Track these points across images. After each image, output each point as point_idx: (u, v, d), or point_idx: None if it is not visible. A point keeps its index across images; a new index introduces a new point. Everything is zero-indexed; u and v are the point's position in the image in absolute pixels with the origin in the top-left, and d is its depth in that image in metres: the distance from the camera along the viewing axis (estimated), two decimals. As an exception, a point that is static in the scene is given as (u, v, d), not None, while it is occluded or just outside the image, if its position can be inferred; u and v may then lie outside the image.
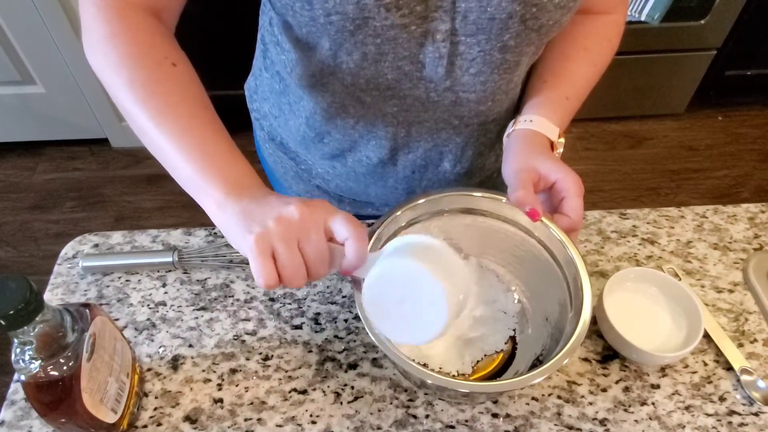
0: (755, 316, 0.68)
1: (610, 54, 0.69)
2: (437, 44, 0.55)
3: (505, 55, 0.58)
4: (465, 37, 0.55)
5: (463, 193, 0.63)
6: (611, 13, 0.69)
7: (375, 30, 0.52)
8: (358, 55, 0.55)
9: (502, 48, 0.57)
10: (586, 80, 0.67)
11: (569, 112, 0.65)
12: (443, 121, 0.65)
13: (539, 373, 0.50)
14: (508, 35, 0.55)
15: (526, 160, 0.58)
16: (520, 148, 0.60)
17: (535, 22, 0.54)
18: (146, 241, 0.74)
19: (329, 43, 0.55)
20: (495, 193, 0.62)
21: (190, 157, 0.49)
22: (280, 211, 0.46)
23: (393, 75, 0.58)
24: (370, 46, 0.54)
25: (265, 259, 0.45)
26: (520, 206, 0.56)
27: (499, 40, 0.56)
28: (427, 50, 0.56)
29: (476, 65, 0.58)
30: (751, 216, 0.78)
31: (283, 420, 0.59)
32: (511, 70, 0.61)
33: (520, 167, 0.58)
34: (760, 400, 0.61)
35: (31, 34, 1.66)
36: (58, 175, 1.96)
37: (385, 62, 0.57)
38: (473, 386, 0.52)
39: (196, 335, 0.65)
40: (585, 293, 0.55)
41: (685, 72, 1.96)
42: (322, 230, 0.47)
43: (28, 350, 0.45)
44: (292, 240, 0.46)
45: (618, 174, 1.98)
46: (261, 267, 0.45)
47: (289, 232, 0.46)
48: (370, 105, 0.62)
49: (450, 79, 0.59)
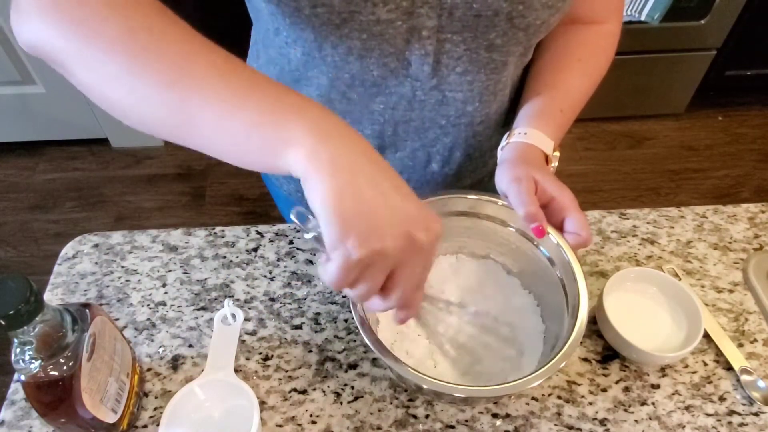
0: (755, 316, 0.68)
1: (605, 65, 0.68)
2: (423, 41, 0.55)
3: (491, 54, 0.57)
4: (451, 35, 0.55)
5: (457, 196, 0.63)
6: (605, 23, 0.68)
7: (361, 24, 0.52)
8: (344, 49, 0.55)
9: (489, 47, 0.56)
10: (581, 92, 0.66)
11: (564, 124, 0.65)
12: (430, 120, 0.64)
13: (537, 376, 0.49)
14: (494, 33, 0.55)
15: (526, 171, 0.57)
16: (516, 159, 0.59)
17: (522, 20, 0.54)
18: (146, 241, 0.74)
19: (314, 35, 0.54)
20: (491, 195, 0.62)
21: (246, 101, 0.37)
22: (412, 226, 0.36)
23: (379, 72, 0.58)
24: (356, 41, 0.54)
25: (353, 273, 0.36)
26: (529, 222, 0.55)
27: (485, 38, 0.55)
28: (413, 47, 0.56)
29: (462, 64, 0.58)
30: (751, 216, 0.78)
31: (283, 420, 0.59)
32: (498, 71, 0.60)
33: (519, 176, 0.57)
34: (760, 400, 0.61)
35: (31, 34, 1.66)
36: (58, 175, 1.96)
37: (371, 58, 0.56)
38: (471, 391, 0.51)
39: (196, 335, 0.65)
40: (581, 294, 0.54)
41: (685, 72, 1.96)
42: (428, 272, 0.39)
43: (28, 350, 0.45)
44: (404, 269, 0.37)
45: (618, 174, 1.98)
46: (342, 277, 0.36)
47: (408, 264, 0.37)
48: (356, 102, 0.62)
49: (436, 78, 0.59)
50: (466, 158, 0.71)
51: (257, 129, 0.36)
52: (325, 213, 0.35)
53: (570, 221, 0.56)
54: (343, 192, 0.35)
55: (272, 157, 0.37)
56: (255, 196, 1.89)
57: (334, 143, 0.36)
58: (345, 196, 0.35)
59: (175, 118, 0.38)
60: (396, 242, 0.36)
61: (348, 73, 0.58)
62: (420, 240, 0.37)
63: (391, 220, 0.36)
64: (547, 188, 0.56)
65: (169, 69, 0.37)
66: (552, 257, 0.59)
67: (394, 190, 0.37)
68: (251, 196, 1.89)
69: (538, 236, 0.57)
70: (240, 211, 1.86)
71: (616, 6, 0.69)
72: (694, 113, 2.13)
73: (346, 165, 0.35)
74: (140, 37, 0.38)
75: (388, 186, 0.37)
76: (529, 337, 0.61)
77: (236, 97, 0.37)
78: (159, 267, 0.71)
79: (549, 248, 0.59)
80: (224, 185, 1.92)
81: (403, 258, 0.37)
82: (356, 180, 0.35)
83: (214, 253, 0.72)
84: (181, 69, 0.37)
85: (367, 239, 0.35)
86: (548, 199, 0.57)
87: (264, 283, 0.70)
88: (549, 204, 0.57)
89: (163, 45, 0.38)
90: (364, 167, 0.36)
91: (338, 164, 0.35)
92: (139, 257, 0.72)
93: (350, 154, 0.36)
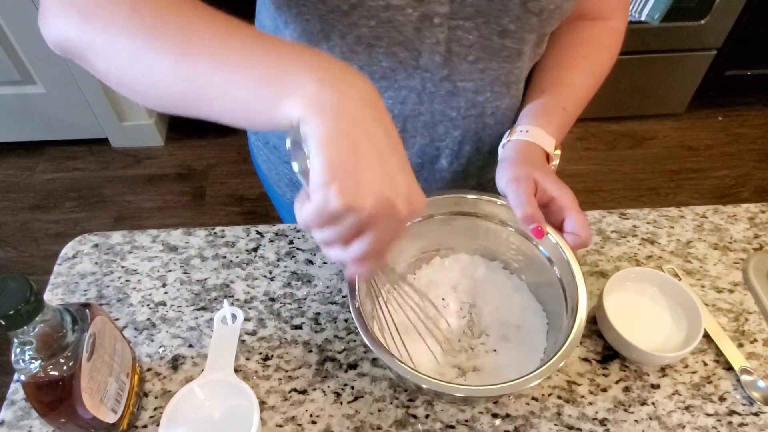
0: (755, 316, 0.68)
1: (610, 62, 0.68)
2: (434, 29, 0.54)
3: (504, 41, 0.56)
4: (463, 21, 0.54)
5: (456, 195, 0.63)
6: (611, 19, 0.67)
7: (370, 11, 0.51)
8: (352, 38, 0.54)
9: (502, 33, 0.55)
10: (585, 89, 0.66)
11: (566, 122, 0.64)
12: (440, 113, 0.63)
13: (536, 375, 0.49)
14: (507, 18, 0.54)
15: (526, 170, 0.57)
16: (516, 159, 0.59)
17: (536, 4, 0.53)
18: (146, 241, 0.74)
19: (320, 24, 0.53)
20: (491, 196, 0.62)
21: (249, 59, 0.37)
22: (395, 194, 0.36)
23: (388, 63, 0.57)
24: (364, 29, 0.53)
25: (326, 219, 0.37)
26: (527, 223, 0.55)
27: (498, 23, 0.54)
28: (423, 36, 0.55)
29: (474, 52, 0.57)
30: (751, 216, 0.78)
31: (283, 420, 0.59)
32: (511, 59, 0.59)
33: (518, 176, 0.56)
34: (760, 400, 0.61)
35: (31, 34, 1.66)
36: (58, 175, 1.96)
37: (380, 48, 0.55)
38: (470, 391, 0.51)
39: (196, 335, 0.65)
40: (580, 293, 0.54)
41: (685, 72, 1.96)
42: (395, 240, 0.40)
43: (28, 350, 0.45)
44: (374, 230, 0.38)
45: (618, 174, 1.99)
46: (314, 220, 0.37)
47: (379, 228, 0.37)
48: None
49: (447, 68, 0.58)
50: (476, 153, 0.70)
51: (263, 84, 0.37)
52: (318, 155, 0.35)
53: (569, 222, 0.56)
54: (340, 139, 0.35)
55: (279, 111, 0.36)
56: (255, 196, 1.89)
57: (340, 88, 0.36)
58: (341, 144, 0.35)
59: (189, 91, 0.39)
60: (375, 204, 0.36)
61: (356, 65, 0.57)
62: (398, 210, 0.37)
63: (377, 180, 0.36)
64: (547, 188, 0.56)
65: (174, 43, 0.38)
66: (551, 257, 0.59)
67: (391, 152, 0.37)
68: (251, 196, 1.89)
69: (537, 237, 0.56)
70: (240, 211, 1.86)
71: (622, 3, 0.68)
72: (694, 113, 2.13)
73: (349, 112, 0.35)
74: (145, 16, 0.39)
75: (386, 145, 0.36)
76: (531, 335, 0.61)
77: (240, 57, 0.37)
78: (159, 267, 0.71)
79: (548, 248, 0.59)
80: (224, 185, 1.92)
81: (376, 221, 0.37)
82: (356, 130, 0.35)
83: (214, 253, 0.72)
84: (186, 41, 0.38)
85: (349, 192, 0.35)
86: (548, 199, 0.57)
87: (264, 283, 0.70)
88: (549, 204, 0.57)
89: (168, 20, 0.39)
90: (366, 119, 0.36)
91: (341, 109, 0.35)
92: (139, 257, 0.72)
93: (355, 102, 0.36)
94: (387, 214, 0.37)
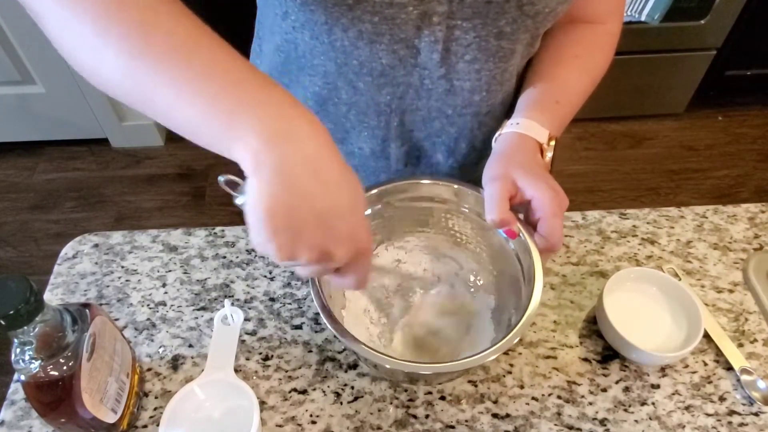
0: (755, 316, 0.68)
1: (604, 64, 0.68)
2: (433, 27, 0.55)
3: (500, 42, 0.58)
4: (461, 21, 0.55)
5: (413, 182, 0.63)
6: (605, 22, 0.68)
7: (374, 6, 0.52)
8: (354, 33, 0.55)
9: (498, 34, 0.57)
10: (578, 86, 0.65)
11: (561, 116, 0.64)
12: (437, 110, 0.65)
13: (493, 351, 0.49)
14: (504, 20, 0.55)
15: (506, 169, 0.56)
16: (503, 154, 0.59)
17: (532, 8, 0.55)
18: (146, 241, 0.74)
19: (325, 16, 0.54)
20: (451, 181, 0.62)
21: (203, 85, 0.36)
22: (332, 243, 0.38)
23: (387, 59, 0.58)
24: (367, 24, 0.54)
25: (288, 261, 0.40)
26: (496, 227, 0.56)
27: (495, 25, 0.56)
28: (423, 34, 0.56)
29: (471, 52, 0.58)
30: (751, 216, 0.78)
31: (283, 420, 0.59)
32: (506, 59, 0.60)
33: (497, 175, 0.56)
34: (760, 400, 0.61)
35: (31, 34, 1.66)
36: (58, 175, 1.96)
37: (381, 44, 0.56)
38: (417, 367, 0.51)
39: (196, 335, 0.65)
40: (536, 267, 0.54)
41: (685, 72, 1.96)
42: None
43: (28, 350, 0.45)
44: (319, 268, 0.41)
45: (618, 174, 1.99)
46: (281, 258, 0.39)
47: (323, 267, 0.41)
48: (363, 92, 0.62)
49: (445, 66, 0.59)
50: (471, 149, 0.71)
51: (210, 118, 0.37)
52: (255, 215, 0.37)
53: (542, 225, 0.55)
54: (276, 200, 0.36)
55: (222, 148, 0.38)
56: (255, 196, 1.88)
57: (280, 148, 0.36)
58: (276, 205, 0.36)
59: (136, 92, 0.38)
60: (312, 257, 0.38)
61: (356, 60, 0.58)
62: (336, 256, 0.39)
63: (310, 237, 0.37)
64: (526, 189, 0.55)
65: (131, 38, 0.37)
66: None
67: (328, 202, 0.38)
68: (251, 196, 1.89)
69: (510, 238, 0.57)
70: (240, 211, 1.85)
71: (616, 6, 0.69)
72: (694, 113, 2.13)
73: (286, 172, 0.36)
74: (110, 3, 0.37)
75: (321, 199, 0.37)
76: (480, 315, 0.63)
77: (195, 80, 0.37)
78: (159, 267, 0.71)
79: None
80: (224, 185, 1.92)
81: (318, 265, 0.40)
82: (292, 191, 0.36)
83: (214, 253, 0.72)
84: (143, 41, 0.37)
85: (286, 250, 0.37)
86: (526, 199, 0.56)
87: (264, 283, 0.70)
88: (530, 202, 0.57)
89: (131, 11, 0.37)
90: (303, 177, 0.36)
91: (278, 171, 0.36)
92: (139, 257, 0.72)
93: (294, 161, 0.36)
94: (325, 260, 0.39)
